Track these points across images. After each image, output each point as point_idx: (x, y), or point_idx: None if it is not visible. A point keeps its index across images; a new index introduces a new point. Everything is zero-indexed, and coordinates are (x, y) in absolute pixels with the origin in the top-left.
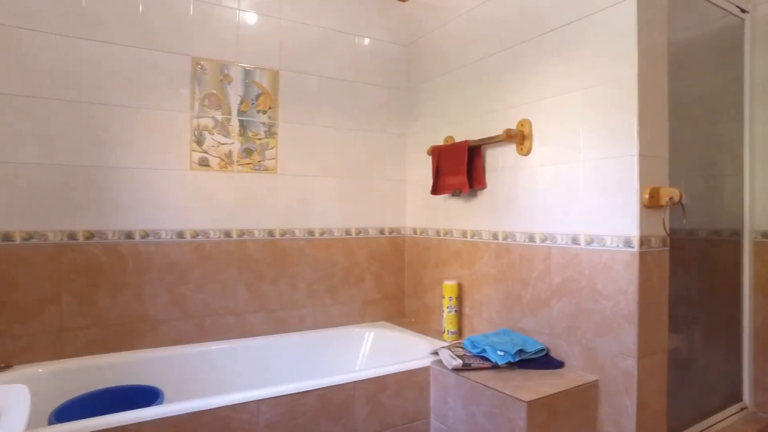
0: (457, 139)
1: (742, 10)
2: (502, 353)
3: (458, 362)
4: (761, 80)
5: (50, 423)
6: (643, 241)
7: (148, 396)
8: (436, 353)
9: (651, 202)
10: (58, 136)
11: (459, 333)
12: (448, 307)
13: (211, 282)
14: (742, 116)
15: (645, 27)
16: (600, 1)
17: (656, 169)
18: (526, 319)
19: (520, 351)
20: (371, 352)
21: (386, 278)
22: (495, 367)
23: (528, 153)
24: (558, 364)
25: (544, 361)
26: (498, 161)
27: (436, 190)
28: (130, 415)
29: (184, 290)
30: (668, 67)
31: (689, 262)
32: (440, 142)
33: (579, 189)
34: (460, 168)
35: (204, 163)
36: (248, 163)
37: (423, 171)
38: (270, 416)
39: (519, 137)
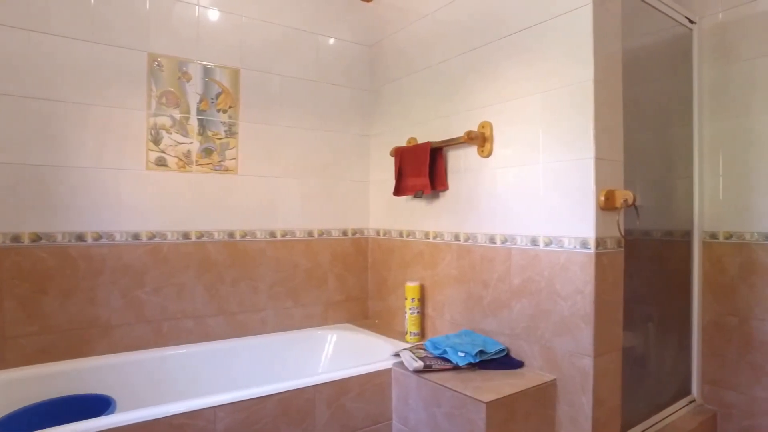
0: (421, 140)
1: (691, 21)
2: (462, 354)
3: (419, 364)
4: (708, 88)
5: None
6: (599, 242)
7: (98, 405)
8: (397, 355)
9: (606, 204)
10: (2, 133)
11: (422, 334)
12: (410, 309)
13: (168, 285)
14: (691, 122)
15: (601, 33)
16: (558, 7)
17: (611, 172)
18: (487, 320)
19: (481, 352)
20: (334, 354)
21: (349, 280)
22: (456, 368)
23: (489, 155)
24: (518, 365)
25: (505, 361)
26: (460, 163)
27: (398, 191)
28: (73, 428)
29: (139, 294)
30: (623, 73)
31: (643, 263)
32: (403, 143)
33: (538, 191)
34: (423, 169)
35: (161, 163)
36: (208, 164)
37: (386, 172)
38: (228, 423)
39: (480, 139)
